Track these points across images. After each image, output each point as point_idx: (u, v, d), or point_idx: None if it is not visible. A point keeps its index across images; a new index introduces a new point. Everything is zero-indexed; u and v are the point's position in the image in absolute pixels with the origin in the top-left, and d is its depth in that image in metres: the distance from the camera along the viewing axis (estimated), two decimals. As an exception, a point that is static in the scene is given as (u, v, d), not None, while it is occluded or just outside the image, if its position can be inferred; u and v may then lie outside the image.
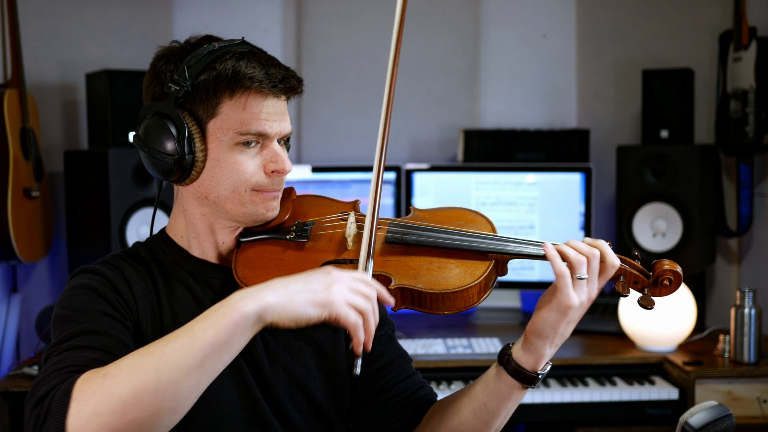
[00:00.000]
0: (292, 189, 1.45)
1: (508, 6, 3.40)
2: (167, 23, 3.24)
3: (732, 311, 2.62)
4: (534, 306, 1.62)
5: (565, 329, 1.32)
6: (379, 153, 1.33)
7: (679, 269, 1.34)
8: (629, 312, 2.76)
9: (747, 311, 2.58)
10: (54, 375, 1.14)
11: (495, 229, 1.40)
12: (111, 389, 1.08)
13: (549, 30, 3.40)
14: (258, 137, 1.34)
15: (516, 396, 1.38)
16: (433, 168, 3.15)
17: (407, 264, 1.34)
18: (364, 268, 1.30)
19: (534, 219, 3.11)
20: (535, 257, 1.33)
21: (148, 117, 1.35)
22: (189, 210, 1.40)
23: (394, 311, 1.36)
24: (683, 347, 2.77)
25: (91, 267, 1.36)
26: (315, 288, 1.17)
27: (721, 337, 2.69)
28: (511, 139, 3.21)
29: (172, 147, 1.32)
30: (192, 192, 1.38)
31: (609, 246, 1.32)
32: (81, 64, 3.12)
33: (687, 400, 2.54)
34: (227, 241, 1.41)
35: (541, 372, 1.35)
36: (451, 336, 2.87)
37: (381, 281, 1.33)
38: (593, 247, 1.31)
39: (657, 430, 2.61)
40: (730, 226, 3.20)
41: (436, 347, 2.72)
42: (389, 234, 1.37)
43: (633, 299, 2.48)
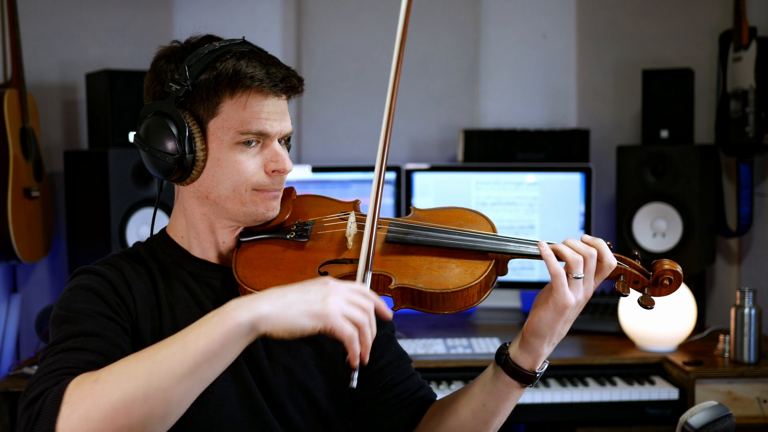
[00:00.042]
0: (292, 189, 1.45)
1: (508, 6, 3.39)
2: (167, 23, 3.24)
3: (732, 311, 2.62)
4: (533, 306, 1.61)
5: (562, 328, 1.32)
6: (381, 157, 1.33)
7: (679, 269, 1.34)
8: (629, 312, 2.76)
9: (747, 311, 2.58)
10: (47, 377, 1.14)
11: (495, 229, 1.40)
12: (101, 394, 1.08)
13: (549, 30, 3.40)
14: (258, 137, 1.34)
15: (514, 395, 1.38)
16: (433, 168, 3.15)
17: (407, 264, 1.34)
18: (362, 279, 1.29)
19: (534, 219, 3.11)
20: (535, 257, 1.33)
21: (148, 116, 1.35)
22: (189, 209, 1.40)
23: (394, 311, 1.36)
24: (683, 347, 2.77)
25: (91, 267, 1.36)
26: (311, 299, 1.15)
27: (721, 337, 2.69)
28: (511, 139, 3.21)
29: (172, 146, 1.32)
30: (192, 191, 1.38)
31: (608, 246, 1.32)
32: (81, 64, 3.12)
33: (687, 400, 2.54)
34: (227, 241, 1.41)
35: (539, 371, 1.35)
36: (451, 336, 2.87)
37: (381, 281, 1.33)
38: (591, 246, 1.31)
39: (657, 430, 2.61)
40: (730, 226, 3.20)
41: (436, 347, 2.72)
42: (389, 234, 1.37)
43: (633, 299, 2.48)
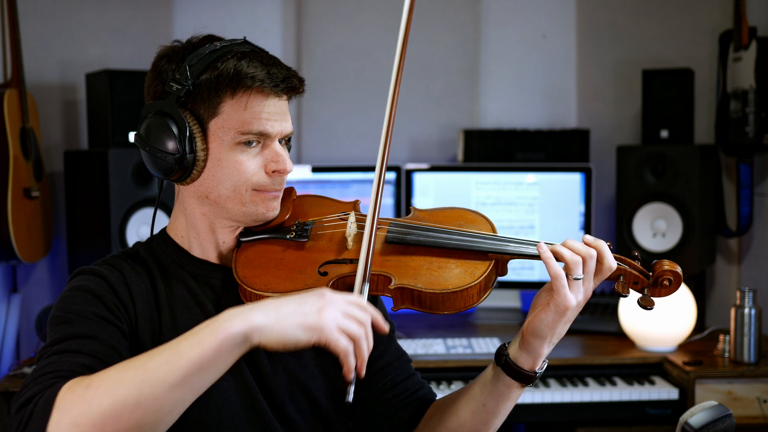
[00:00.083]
0: (292, 189, 1.45)
1: (508, 6, 3.39)
2: (167, 23, 3.24)
3: (732, 311, 2.62)
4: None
5: (563, 328, 1.33)
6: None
7: (679, 270, 1.34)
8: (629, 312, 2.76)
9: (747, 311, 2.58)
10: (40, 379, 1.14)
11: (495, 229, 1.40)
12: (92, 401, 1.08)
13: (549, 30, 3.40)
14: (259, 137, 1.34)
15: (514, 395, 1.38)
16: (433, 168, 3.15)
17: (407, 264, 1.34)
18: (359, 291, 1.28)
19: (534, 219, 3.11)
20: (535, 257, 1.33)
21: (149, 116, 1.35)
22: (189, 209, 1.40)
23: (394, 311, 1.36)
24: (683, 347, 2.77)
25: (90, 268, 1.36)
26: (306, 311, 1.14)
27: (721, 337, 2.69)
28: (511, 139, 3.21)
29: (173, 146, 1.32)
30: (193, 191, 1.38)
31: (608, 246, 1.32)
32: (81, 64, 3.12)
33: (687, 400, 2.54)
34: (228, 241, 1.41)
35: (539, 370, 1.36)
36: (451, 336, 2.87)
37: (381, 281, 1.33)
38: (591, 247, 1.30)
39: (657, 430, 2.61)
40: (730, 226, 3.20)
41: (436, 347, 2.72)
42: (389, 234, 1.37)
43: (633, 299, 2.48)
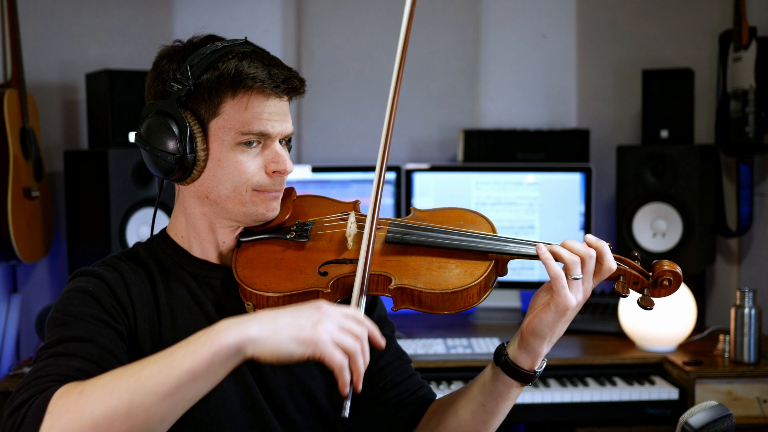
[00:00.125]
0: (292, 189, 1.46)
1: (508, 6, 3.39)
2: (167, 23, 3.24)
3: (732, 311, 2.62)
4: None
5: (562, 327, 1.33)
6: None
7: (679, 270, 1.34)
8: (629, 312, 2.76)
9: (747, 311, 2.58)
10: (34, 383, 1.14)
11: (495, 230, 1.40)
12: (84, 408, 1.08)
13: (549, 30, 3.40)
14: (260, 137, 1.34)
15: (514, 394, 1.38)
16: (433, 168, 3.15)
17: (407, 264, 1.34)
18: (356, 304, 1.27)
19: (534, 219, 3.11)
20: (535, 258, 1.33)
21: (150, 116, 1.35)
22: (190, 209, 1.40)
23: (394, 311, 1.36)
24: (683, 347, 2.77)
25: (89, 269, 1.35)
26: (302, 324, 1.13)
27: (721, 337, 2.69)
28: (511, 139, 3.21)
29: (173, 146, 1.32)
30: (193, 191, 1.38)
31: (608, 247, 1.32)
32: (81, 64, 3.12)
33: (687, 400, 2.54)
34: (228, 241, 1.41)
35: (539, 369, 1.36)
36: (451, 336, 2.87)
37: (381, 281, 1.33)
38: (591, 247, 1.31)
39: (657, 430, 2.61)
40: (730, 226, 3.20)
41: (436, 347, 2.72)
42: (389, 234, 1.37)
43: (633, 299, 2.48)
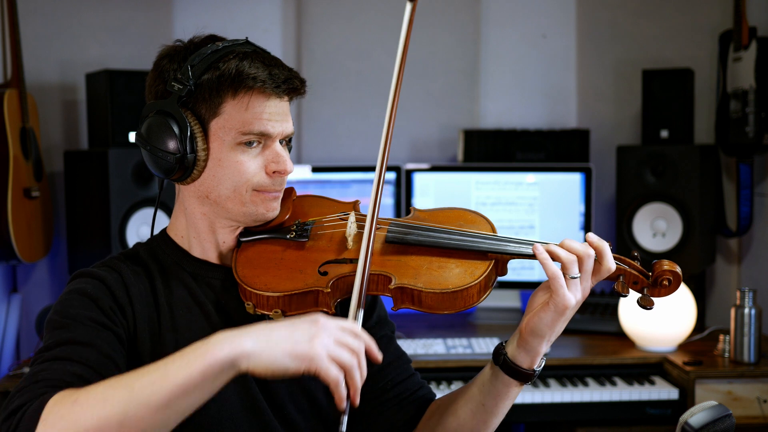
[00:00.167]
0: (292, 189, 1.46)
1: (508, 6, 3.39)
2: (167, 23, 3.24)
3: (732, 311, 2.62)
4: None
5: (561, 326, 1.33)
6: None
7: (679, 270, 1.34)
8: (629, 312, 2.76)
9: (747, 311, 2.58)
10: (30, 387, 1.15)
11: (495, 230, 1.40)
12: (77, 417, 1.07)
13: (549, 30, 3.40)
14: (260, 137, 1.34)
15: (513, 393, 1.38)
16: (433, 168, 3.15)
17: (407, 264, 1.34)
18: (354, 317, 1.26)
19: (534, 219, 3.11)
20: (535, 257, 1.33)
21: (150, 115, 1.35)
22: (190, 209, 1.40)
23: (394, 311, 1.36)
24: (683, 347, 2.77)
25: (88, 271, 1.35)
26: (297, 338, 1.11)
27: (721, 337, 2.69)
28: (511, 139, 3.21)
29: (174, 145, 1.32)
30: (193, 191, 1.38)
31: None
32: (81, 64, 3.12)
33: (687, 400, 2.54)
34: (228, 241, 1.41)
35: (537, 368, 1.36)
36: (451, 336, 2.87)
37: (381, 281, 1.33)
38: (591, 246, 1.31)
39: (657, 430, 2.61)
40: (730, 226, 3.20)
41: (436, 347, 2.72)
42: (389, 234, 1.37)
43: (633, 299, 2.48)
